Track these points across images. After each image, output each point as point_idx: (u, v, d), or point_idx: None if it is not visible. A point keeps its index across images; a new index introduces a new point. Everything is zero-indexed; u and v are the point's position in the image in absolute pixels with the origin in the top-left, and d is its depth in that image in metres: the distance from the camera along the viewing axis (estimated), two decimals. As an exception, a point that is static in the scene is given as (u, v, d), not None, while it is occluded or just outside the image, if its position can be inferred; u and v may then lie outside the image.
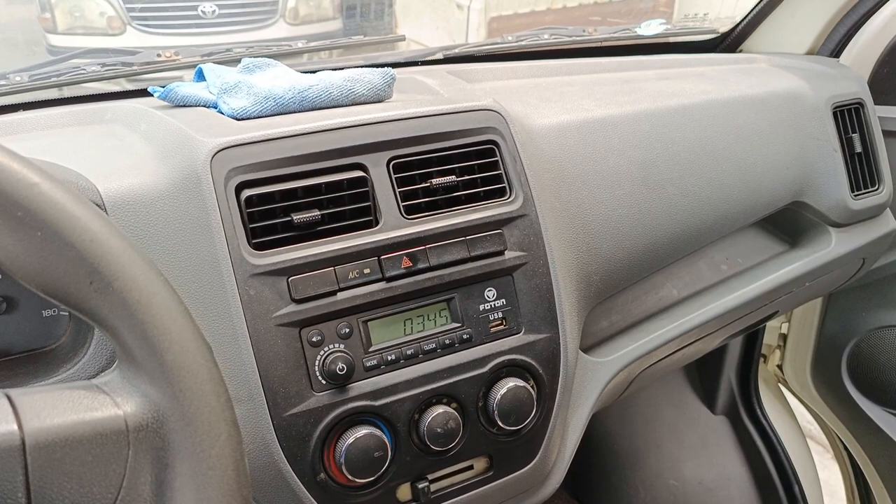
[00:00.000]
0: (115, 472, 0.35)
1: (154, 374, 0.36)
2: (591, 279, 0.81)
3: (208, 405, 0.35)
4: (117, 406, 0.36)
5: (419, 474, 0.68)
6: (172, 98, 0.75)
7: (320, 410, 0.62)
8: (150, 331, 0.35)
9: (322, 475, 0.63)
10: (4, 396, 0.35)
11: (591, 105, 0.87)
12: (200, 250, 0.62)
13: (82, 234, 0.36)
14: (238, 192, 0.63)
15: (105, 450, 0.35)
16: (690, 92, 0.95)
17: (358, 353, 0.64)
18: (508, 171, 0.74)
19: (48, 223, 0.36)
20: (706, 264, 0.98)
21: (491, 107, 0.76)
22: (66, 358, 0.63)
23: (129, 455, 0.35)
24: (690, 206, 0.88)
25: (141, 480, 0.35)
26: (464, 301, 0.69)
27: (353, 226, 0.67)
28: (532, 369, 0.71)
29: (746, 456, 1.45)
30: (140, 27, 4.43)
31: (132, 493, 0.35)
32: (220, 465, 0.35)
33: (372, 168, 0.68)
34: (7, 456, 0.33)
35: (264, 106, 0.71)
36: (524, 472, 0.73)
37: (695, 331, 0.92)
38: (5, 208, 0.35)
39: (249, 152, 0.64)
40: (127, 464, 0.35)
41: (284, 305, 0.62)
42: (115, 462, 0.35)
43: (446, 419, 0.66)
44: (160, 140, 0.67)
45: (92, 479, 0.34)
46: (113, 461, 0.35)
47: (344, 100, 0.75)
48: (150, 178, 0.63)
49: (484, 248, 0.70)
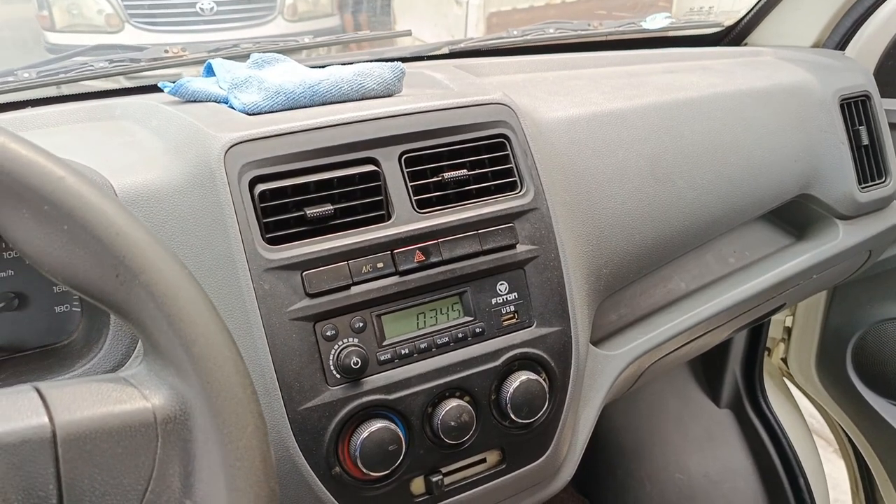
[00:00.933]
0: (144, 463, 0.35)
1: (181, 367, 0.36)
2: (600, 272, 0.81)
3: (235, 397, 0.35)
4: (145, 398, 0.36)
5: (433, 467, 0.68)
6: (183, 93, 0.75)
7: (335, 404, 0.63)
8: (177, 323, 0.36)
9: (337, 469, 0.63)
10: (34, 389, 0.35)
11: (599, 98, 0.87)
12: (215, 245, 0.62)
13: (108, 227, 0.36)
14: (252, 187, 0.63)
15: (135, 442, 0.35)
16: (697, 85, 0.96)
17: (372, 347, 0.65)
18: (519, 164, 0.74)
19: (74, 217, 0.36)
20: (714, 257, 0.98)
21: (501, 100, 0.76)
22: (81, 353, 0.64)
23: (158, 447, 0.35)
24: (699, 198, 0.89)
25: (170, 472, 0.35)
26: (476, 295, 0.70)
27: (366, 220, 0.67)
28: (544, 362, 0.72)
29: (751, 449, 1.45)
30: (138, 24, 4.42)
31: (161, 484, 0.35)
32: (248, 457, 0.35)
33: (384, 162, 0.68)
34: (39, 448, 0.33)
35: (275, 101, 0.71)
36: (536, 465, 0.73)
37: (703, 324, 0.93)
38: (32, 202, 0.35)
39: (262, 147, 0.64)
40: (156, 456, 0.35)
41: (299, 300, 0.62)
42: (144, 454, 0.35)
43: (459, 412, 0.66)
44: (172, 135, 0.67)
45: (122, 471, 0.35)
46: (142, 453, 0.35)
47: (354, 94, 0.75)
48: (163, 174, 0.63)
49: (496, 242, 0.70)
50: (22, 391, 0.35)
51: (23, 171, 0.36)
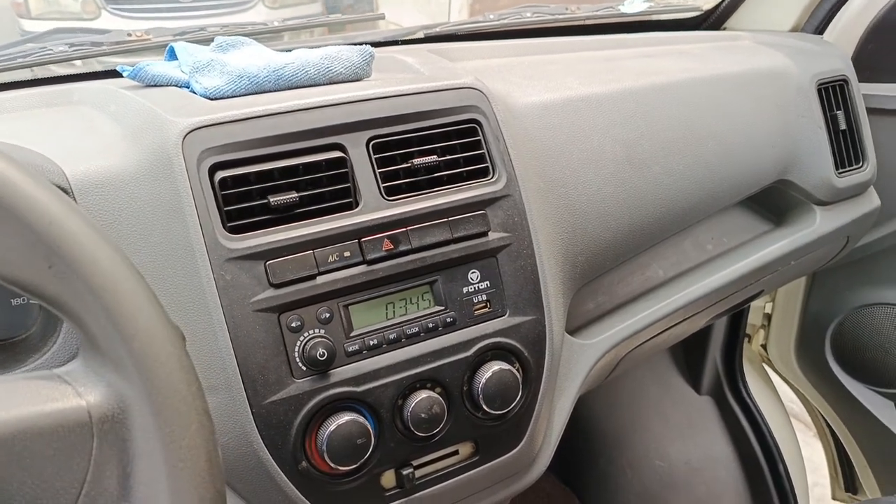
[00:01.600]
0: (78, 465, 0.33)
1: (120, 363, 0.34)
2: (576, 260, 0.80)
3: (178, 394, 0.34)
4: (80, 396, 0.34)
5: (404, 461, 0.66)
6: (142, 77, 0.72)
7: (301, 397, 0.61)
8: (116, 317, 0.34)
9: (304, 463, 0.61)
10: None
11: (574, 83, 0.86)
12: (173, 234, 0.60)
13: (41, 216, 0.34)
14: (211, 174, 0.61)
15: (67, 442, 0.33)
16: (674, 70, 0.94)
17: (339, 339, 0.63)
18: (491, 150, 0.72)
19: (3, 204, 0.34)
20: (692, 244, 0.97)
21: (473, 85, 0.74)
22: (36, 348, 0.61)
23: (93, 447, 0.33)
24: (675, 184, 0.87)
25: (107, 474, 0.34)
26: (447, 284, 0.68)
27: (333, 208, 0.65)
28: (517, 352, 0.70)
29: (732, 435, 1.45)
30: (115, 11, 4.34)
31: (97, 487, 0.33)
32: (192, 457, 0.33)
33: (351, 148, 0.66)
34: None
35: (238, 85, 0.69)
36: (510, 457, 0.72)
37: (681, 311, 0.92)
38: None
39: (223, 132, 0.62)
40: (91, 457, 0.33)
41: (262, 290, 0.60)
42: (78, 455, 0.33)
43: (430, 404, 0.65)
44: (129, 121, 0.65)
45: (54, 474, 0.33)
46: (76, 454, 0.33)
47: (321, 78, 0.73)
48: (119, 161, 0.61)
49: (467, 230, 0.69)
50: None
51: None
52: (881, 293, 1.23)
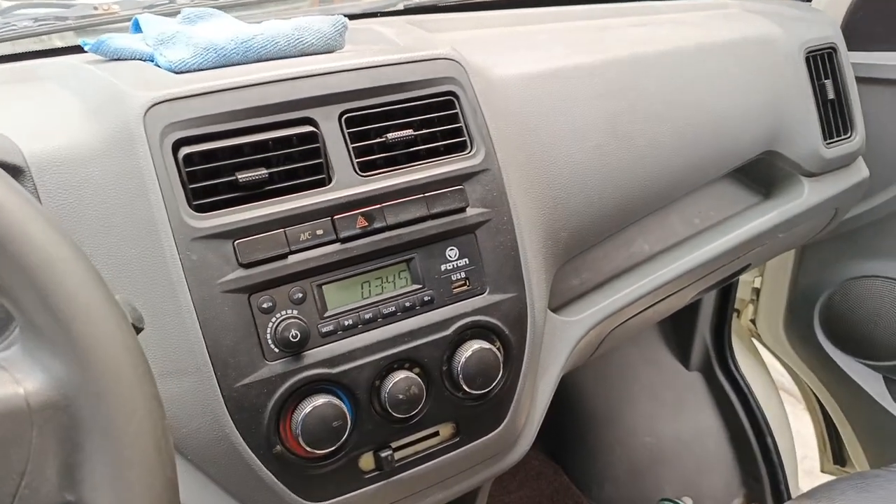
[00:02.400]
0: (16, 456, 0.31)
1: (59, 346, 0.32)
2: (558, 235, 0.78)
3: (122, 378, 0.32)
4: (17, 383, 0.32)
5: (382, 443, 0.65)
6: (105, 51, 0.69)
7: (274, 380, 0.59)
8: (53, 298, 0.31)
9: (279, 447, 0.60)
10: None
11: (557, 53, 0.83)
12: (136, 214, 0.57)
13: None
14: (175, 150, 0.58)
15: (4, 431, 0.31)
16: (660, 38, 0.92)
17: (313, 319, 0.61)
18: (469, 123, 0.70)
19: None
20: (678, 218, 0.95)
21: (449, 55, 0.71)
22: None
23: (32, 437, 0.31)
24: (661, 157, 0.85)
25: (48, 464, 0.32)
26: (424, 261, 0.66)
27: (304, 185, 0.62)
28: (498, 330, 0.69)
29: (720, 410, 1.45)
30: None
31: (38, 477, 0.31)
32: (139, 444, 0.31)
33: (322, 122, 0.64)
34: None
35: (205, 57, 0.66)
36: (492, 437, 0.71)
37: (667, 286, 0.90)
38: None
39: (188, 107, 0.60)
40: (31, 446, 0.31)
41: (231, 271, 0.58)
42: (16, 445, 0.31)
43: (409, 385, 0.63)
44: (91, 96, 0.62)
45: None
46: (13, 444, 0.31)
47: (292, 50, 0.70)
48: (78, 137, 0.58)
49: (444, 206, 0.67)
50: None
51: None
52: (870, 266, 1.22)
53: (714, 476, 1.44)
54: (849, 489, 0.81)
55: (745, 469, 1.43)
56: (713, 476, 1.44)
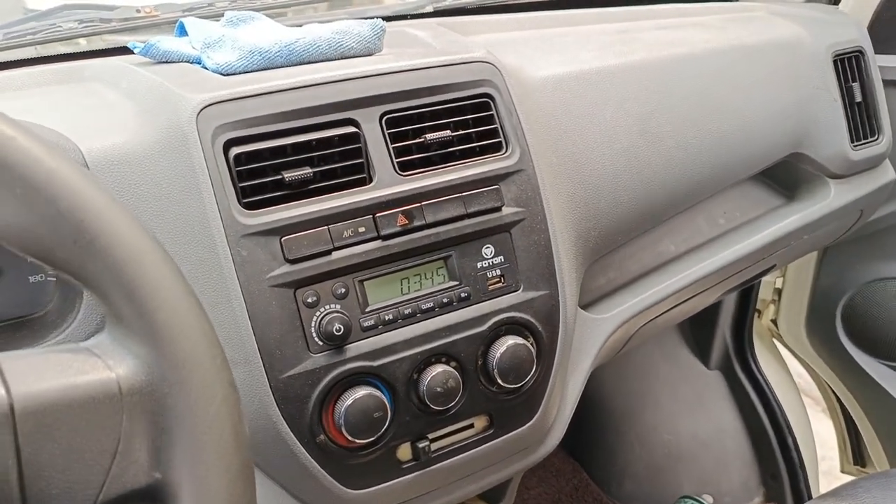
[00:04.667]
0: (109, 438, 0.34)
1: (145, 336, 0.34)
2: (589, 235, 0.80)
3: (203, 366, 0.34)
4: (109, 369, 0.34)
5: (419, 434, 0.67)
6: (154, 54, 0.72)
7: (318, 372, 0.61)
8: (140, 290, 0.34)
9: (321, 436, 0.62)
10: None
11: (587, 56, 0.85)
12: (189, 211, 0.60)
13: (63, 189, 0.34)
14: (226, 150, 0.61)
15: (98, 415, 0.33)
16: (688, 41, 0.93)
17: (355, 314, 0.63)
18: (504, 125, 0.72)
19: (27, 179, 0.34)
20: (704, 219, 0.96)
21: (485, 58, 0.73)
22: (55, 324, 0.62)
23: (123, 420, 0.34)
24: (689, 158, 0.87)
25: (136, 446, 0.34)
26: (461, 259, 0.68)
27: (346, 183, 0.65)
28: (531, 326, 0.70)
29: (741, 409, 1.46)
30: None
31: (128, 458, 0.34)
32: (217, 428, 0.33)
33: (364, 123, 0.66)
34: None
35: (250, 60, 0.69)
36: (524, 430, 0.73)
37: (693, 286, 0.92)
38: None
39: (237, 108, 0.62)
40: (121, 429, 0.34)
41: (278, 266, 0.61)
42: (108, 428, 0.33)
43: (446, 378, 0.65)
44: (143, 97, 0.65)
45: (84, 446, 0.33)
46: (106, 427, 0.33)
47: (332, 53, 0.72)
48: (133, 137, 0.61)
49: (481, 205, 0.69)
50: None
51: None
52: (893, 267, 1.22)
53: (733, 474, 1.45)
54: (874, 487, 0.82)
55: (764, 468, 1.44)
56: (732, 474, 1.45)
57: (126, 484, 0.34)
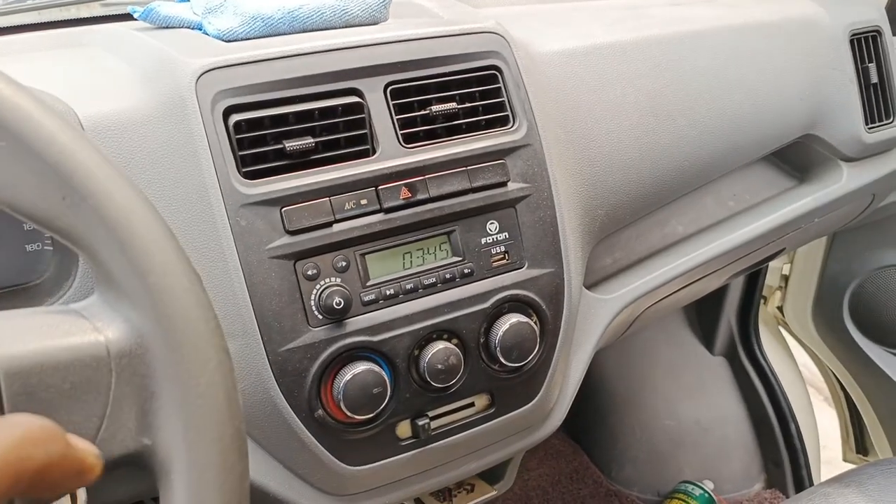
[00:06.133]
0: (96, 401, 0.32)
1: (136, 298, 0.33)
2: (595, 213, 0.78)
3: (195, 331, 0.33)
4: (98, 331, 0.33)
5: (419, 411, 0.66)
6: (153, 18, 0.70)
7: (317, 346, 0.60)
8: (131, 251, 0.32)
9: (320, 411, 0.61)
10: None
11: (598, 31, 0.83)
12: (187, 179, 0.58)
13: (51, 145, 0.33)
14: (226, 117, 0.59)
15: (85, 377, 0.32)
16: (702, 17, 0.91)
17: (355, 288, 0.62)
18: (511, 98, 0.70)
19: (13, 132, 0.32)
20: (713, 200, 0.95)
21: (494, 29, 0.71)
22: (51, 292, 0.61)
23: (111, 383, 0.33)
24: (699, 137, 0.85)
25: (125, 411, 0.33)
26: (465, 234, 0.67)
27: (349, 155, 0.63)
28: (535, 305, 0.69)
29: (744, 396, 1.45)
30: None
31: (116, 422, 0.33)
32: (210, 394, 0.32)
33: (368, 93, 0.64)
34: None
35: (252, 26, 0.67)
36: (526, 410, 0.71)
37: (700, 268, 0.90)
38: None
39: (237, 74, 0.60)
40: (110, 393, 0.33)
41: (278, 237, 0.59)
42: (96, 391, 0.32)
43: (447, 355, 0.64)
44: (142, 62, 0.63)
45: (72, 408, 0.32)
46: (94, 390, 0.32)
47: (337, 21, 0.70)
48: (131, 102, 0.59)
49: (486, 179, 0.67)
50: None
51: None
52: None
53: (734, 461, 1.45)
54: (877, 474, 0.81)
55: (766, 454, 1.44)
56: (733, 461, 1.45)
57: (114, 449, 0.33)
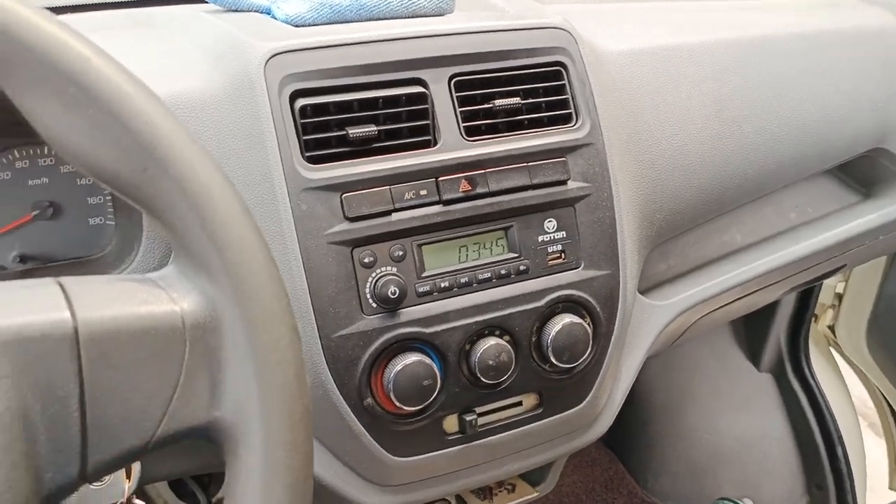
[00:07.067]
0: (170, 369, 0.33)
1: (213, 271, 0.33)
2: (654, 217, 0.76)
3: (269, 308, 0.33)
4: (173, 301, 0.33)
5: (467, 406, 0.66)
6: (224, 2, 0.71)
7: (370, 334, 0.60)
8: (210, 225, 0.33)
9: (369, 400, 0.61)
10: (56, 283, 0.33)
11: (665, 32, 0.81)
12: (252, 160, 0.59)
13: (137, 115, 0.33)
14: (292, 101, 0.59)
15: (160, 345, 0.32)
16: (772, 23, 0.88)
17: (410, 278, 0.62)
18: (576, 96, 0.69)
19: (101, 101, 0.33)
20: (774, 210, 0.92)
21: (561, 25, 0.70)
22: (113, 265, 0.62)
23: (185, 353, 0.33)
24: (765, 145, 0.83)
25: (198, 381, 0.33)
26: (522, 231, 0.66)
27: (410, 144, 0.63)
28: (589, 306, 0.68)
29: (789, 415, 1.41)
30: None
31: (188, 392, 0.33)
32: (282, 371, 0.32)
33: (432, 84, 0.64)
34: (59, 344, 0.31)
35: (320, 12, 0.67)
36: (573, 412, 0.70)
37: (757, 280, 0.88)
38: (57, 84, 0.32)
39: (305, 59, 0.61)
40: (183, 362, 0.33)
41: (337, 223, 0.59)
42: (170, 359, 0.33)
43: (498, 352, 0.63)
44: (212, 44, 0.64)
45: (146, 375, 0.32)
46: (168, 358, 0.33)
47: (403, 11, 0.70)
48: (201, 83, 0.60)
49: (546, 176, 0.66)
50: (43, 284, 0.33)
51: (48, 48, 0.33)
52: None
53: (776, 480, 1.41)
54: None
55: (809, 476, 1.39)
56: (775, 480, 1.41)
57: (185, 420, 0.33)
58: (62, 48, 0.33)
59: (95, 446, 0.31)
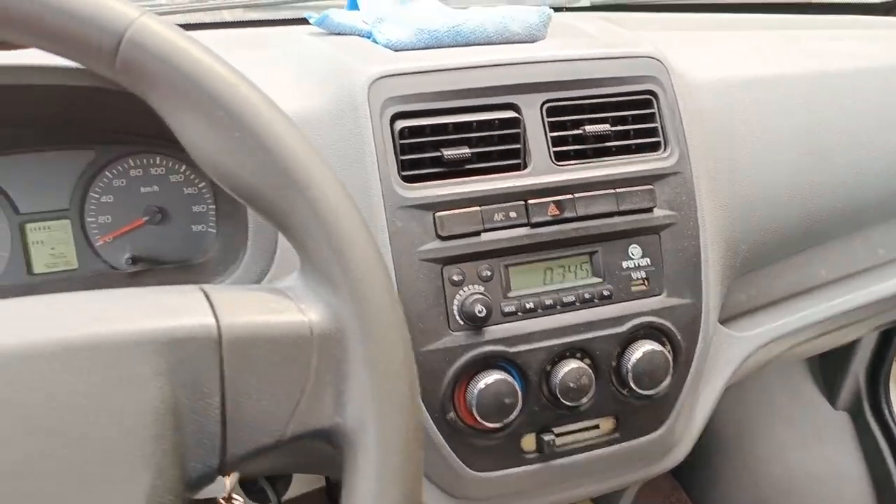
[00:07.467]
0: (300, 375, 0.35)
1: (339, 286, 0.35)
2: (738, 248, 0.76)
3: (388, 324, 0.35)
4: (302, 312, 0.36)
5: (545, 426, 0.67)
6: (328, 25, 0.75)
7: (456, 350, 0.62)
8: (338, 242, 0.35)
9: (451, 414, 0.63)
10: (200, 290, 0.36)
11: (756, 62, 0.81)
12: (352, 178, 0.62)
13: (278, 139, 0.36)
14: (392, 123, 0.62)
15: (292, 353, 0.35)
16: (866, 55, 0.87)
17: (497, 298, 0.63)
18: (665, 124, 0.70)
19: (245, 125, 0.36)
20: (862, 246, 0.90)
21: (653, 54, 0.71)
22: (217, 271, 0.66)
23: (313, 361, 0.35)
24: (857, 179, 0.81)
25: (324, 388, 0.36)
26: (607, 256, 0.67)
27: (501, 167, 0.65)
28: (670, 334, 0.68)
29: (866, 455, 1.36)
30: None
31: (314, 398, 0.35)
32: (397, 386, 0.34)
33: (525, 109, 0.66)
34: (205, 346, 0.34)
35: (419, 38, 0.70)
36: (650, 438, 0.70)
37: (841, 316, 0.86)
38: (209, 108, 0.36)
39: (405, 83, 0.63)
40: (311, 369, 0.35)
41: (429, 241, 0.61)
42: (300, 366, 0.35)
43: (580, 374, 0.64)
44: (318, 66, 0.67)
45: (278, 379, 0.35)
46: (298, 365, 0.35)
47: (498, 37, 0.72)
48: (307, 102, 0.63)
49: (633, 203, 0.67)
50: (189, 290, 0.36)
51: (199, 74, 0.36)
52: None
53: (849, 522, 1.36)
54: None
55: (885, 520, 1.34)
56: (848, 522, 1.36)
57: (310, 423, 0.35)
58: (213, 74, 0.36)
59: (233, 441, 0.34)
